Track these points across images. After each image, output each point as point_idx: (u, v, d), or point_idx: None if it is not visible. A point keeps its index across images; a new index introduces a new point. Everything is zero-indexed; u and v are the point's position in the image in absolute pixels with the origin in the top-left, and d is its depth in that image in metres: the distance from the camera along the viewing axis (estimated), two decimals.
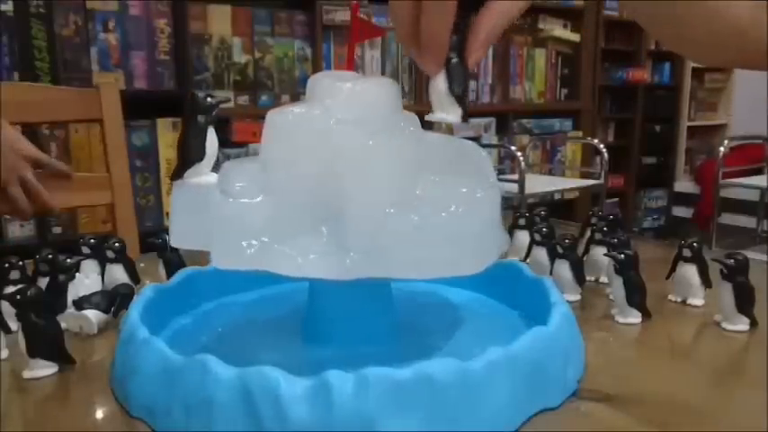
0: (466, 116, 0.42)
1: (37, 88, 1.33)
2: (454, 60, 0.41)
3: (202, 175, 0.43)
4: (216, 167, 0.44)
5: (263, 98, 2.26)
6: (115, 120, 1.05)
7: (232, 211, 0.41)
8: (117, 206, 1.04)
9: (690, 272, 0.58)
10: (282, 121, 0.42)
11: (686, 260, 0.58)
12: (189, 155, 0.42)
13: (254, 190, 0.41)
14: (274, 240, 0.40)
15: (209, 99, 0.43)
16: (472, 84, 2.86)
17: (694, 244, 0.58)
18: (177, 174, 0.43)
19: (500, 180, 2.47)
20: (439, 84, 0.41)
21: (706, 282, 0.58)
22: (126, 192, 1.05)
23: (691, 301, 0.58)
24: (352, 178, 0.40)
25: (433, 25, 0.38)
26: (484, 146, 2.80)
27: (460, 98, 0.42)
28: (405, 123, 0.43)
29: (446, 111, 0.42)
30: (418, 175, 0.41)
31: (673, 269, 0.59)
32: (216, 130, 0.44)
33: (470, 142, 0.44)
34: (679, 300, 0.59)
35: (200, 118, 0.43)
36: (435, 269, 0.40)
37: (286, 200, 0.40)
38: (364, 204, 0.39)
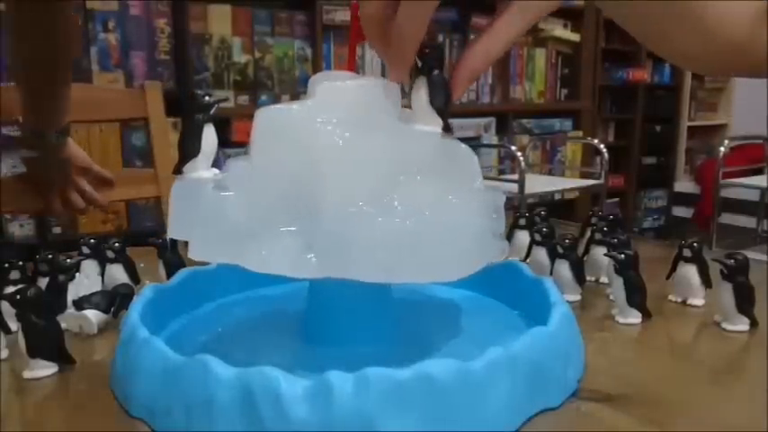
0: (447, 129, 0.42)
1: (87, 88, 1.39)
2: (435, 73, 0.41)
3: (200, 170, 0.44)
4: (216, 165, 0.45)
5: (263, 98, 2.26)
6: (159, 118, 1.12)
7: (210, 204, 0.41)
8: (164, 198, 1.08)
9: (690, 272, 0.58)
10: (267, 119, 0.42)
11: (686, 260, 0.58)
12: (185, 150, 0.44)
13: (235, 185, 0.41)
14: (247, 235, 0.40)
15: (206, 98, 0.44)
16: (472, 84, 2.85)
17: (694, 244, 0.58)
18: (177, 169, 0.44)
19: (500, 180, 2.48)
20: (420, 95, 0.41)
21: (706, 282, 0.58)
22: (171, 186, 1.14)
23: (691, 301, 0.58)
24: (326, 177, 0.40)
25: (405, 26, 0.37)
26: (484, 146, 2.81)
27: (441, 111, 0.42)
28: (401, 123, 0.43)
29: (426, 122, 0.42)
30: (398, 176, 0.40)
31: (673, 269, 0.59)
32: (216, 130, 0.45)
33: (462, 145, 0.44)
34: (679, 300, 0.59)
35: (198, 116, 0.44)
36: (404, 273, 0.39)
37: (264, 196, 0.40)
38: (334, 204, 0.39)
